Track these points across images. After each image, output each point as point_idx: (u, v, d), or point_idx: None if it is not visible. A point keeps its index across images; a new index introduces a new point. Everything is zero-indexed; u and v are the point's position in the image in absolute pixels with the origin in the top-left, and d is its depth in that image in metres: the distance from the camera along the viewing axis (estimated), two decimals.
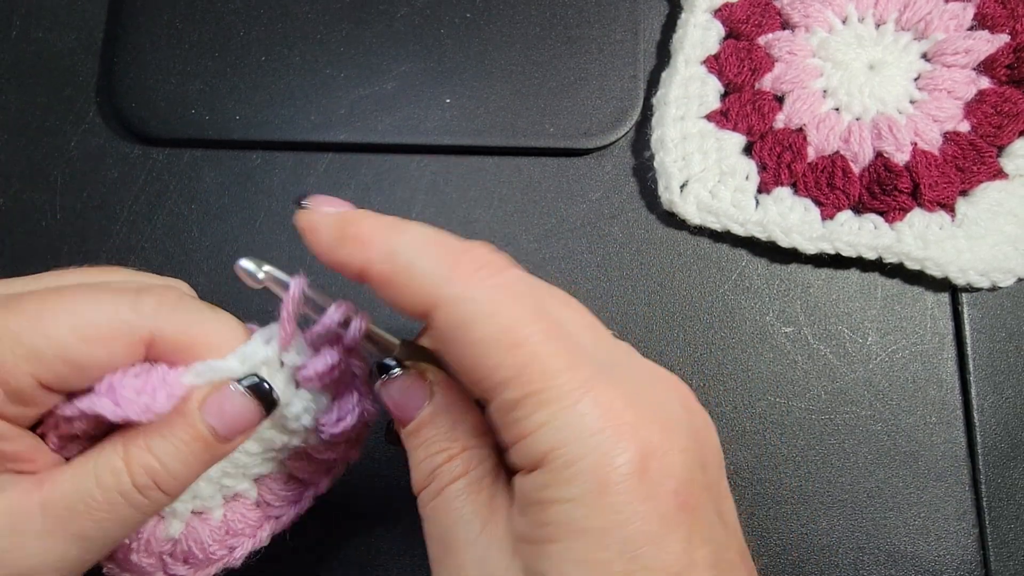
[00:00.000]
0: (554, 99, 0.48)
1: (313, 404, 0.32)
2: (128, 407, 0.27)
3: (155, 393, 0.28)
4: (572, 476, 0.25)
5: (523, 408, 0.25)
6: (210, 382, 0.29)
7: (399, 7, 0.49)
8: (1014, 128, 0.46)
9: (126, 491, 0.28)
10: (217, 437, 0.29)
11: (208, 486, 0.33)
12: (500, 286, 0.27)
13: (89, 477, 0.28)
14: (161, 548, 0.33)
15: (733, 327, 0.46)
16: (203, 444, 0.29)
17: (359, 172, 0.47)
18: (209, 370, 0.29)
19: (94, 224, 0.46)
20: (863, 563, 0.43)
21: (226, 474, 0.33)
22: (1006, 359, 0.45)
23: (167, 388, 0.28)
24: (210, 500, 0.34)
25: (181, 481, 0.29)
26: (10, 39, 0.49)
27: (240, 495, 0.34)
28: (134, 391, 0.28)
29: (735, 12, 0.49)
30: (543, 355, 0.26)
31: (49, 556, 0.27)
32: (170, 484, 0.29)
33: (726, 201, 0.46)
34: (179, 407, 0.29)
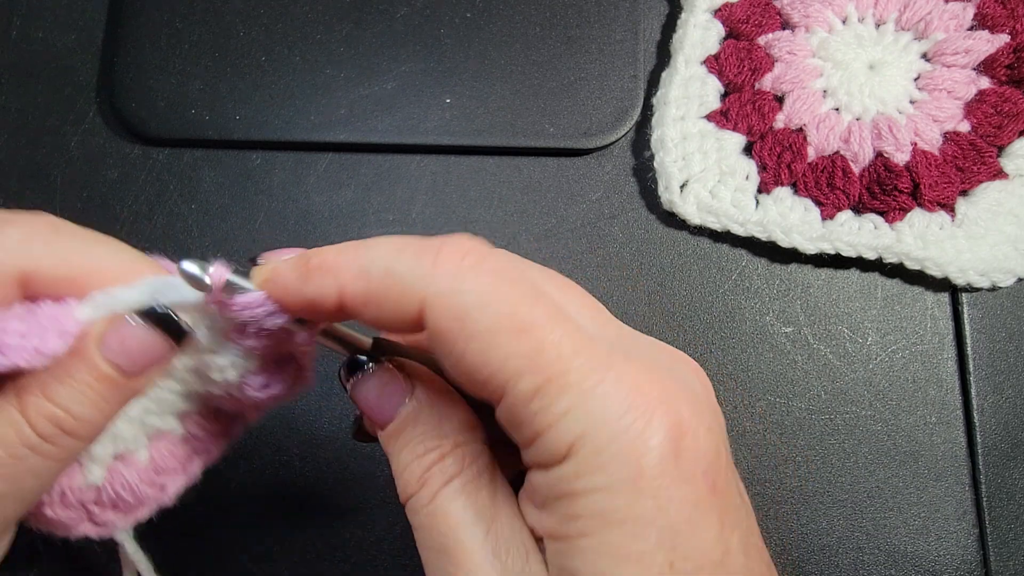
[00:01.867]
0: (554, 99, 0.48)
1: (242, 361, 0.28)
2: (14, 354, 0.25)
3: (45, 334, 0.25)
4: (604, 463, 0.23)
5: (542, 397, 0.23)
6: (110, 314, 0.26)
7: (399, 7, 0.49)
8: (1014, 128, 0.46)
9: (31, 442, 0.26)
10: (124, 374, 0.26)
11: (129, 427, 0.30)
12: (491, 271, 0.24)
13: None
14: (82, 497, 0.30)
15: (733, 327, 0.46)
16: (109, 384, 0.26)
17: (359, 172, 0.47)
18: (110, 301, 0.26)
19: (94, 224, 0.46)
20: (863, 563, 0.43)
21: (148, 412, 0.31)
22: (1006, 359, 0.45)
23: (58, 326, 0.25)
24: (133, 442, 0.31)
25: (93, 424, 0.27)
26: (10, 39, 0.49)
27: (165, 432, 0.31)
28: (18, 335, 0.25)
29: (735, 12, 0.49)
30: (554, 337, 0.23)
31: None
32: (79, 428, 0.26)
33: (726, 201, 0.46)
34: (76, 346, 0.26)
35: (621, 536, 0.22)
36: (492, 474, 0.26)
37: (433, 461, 0.26)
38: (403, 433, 0.27)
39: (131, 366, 0.26)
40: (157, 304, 0.26)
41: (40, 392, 0.26)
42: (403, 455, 0.27)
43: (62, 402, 0.26)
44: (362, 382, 0.28)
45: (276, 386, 0.29)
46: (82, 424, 0.26)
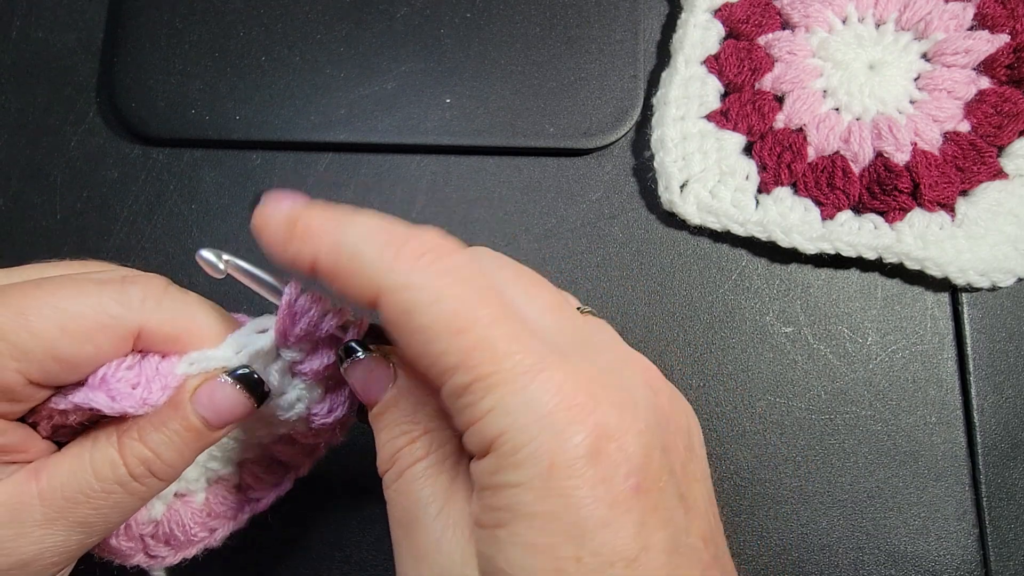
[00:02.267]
0: (554, 99, 0.48)
1: (307, 394, 0.32)
2: (124, 401, 0.28)
3: (150, 385, 0.28)
4: (520, 460, 0.24)
5: (472, 393, 0.25)
6: (203, 371, 0.29)
7: (399, 7, 0.49)
8: (1014, 128, 0.46)
9: (123, 480, 0.28)
10: (208, 426, 0.30)
11: (194, 469, 0.34)
12: (445, 270, 0.26)
13: (86, 468, 0.28)
14: (142, 531, 0.33)
15: (733, 327, 0.46)
16: (194, 433, 0.29)
17: (359, 172, 0.47)
18: (203, 359, 0.29)
19: (94, 224, 0.46)
20: (863, 563, 0.43)
21: (212, 458, 0.34)
22: (1006, 359, 0.45)
23: (161, 379, 0.29)
24: (194, 483, 0.34)
25: (175, 468, 0.29)
26: (10, 39, 0.49)
27: (223, 478, 0.35)
28: (129, 384, 0.28)
29: (735, 12, 0.49)
30: (491, 338, 0.25)
31: (51, 543, 0.28)
32: (165, 471, 0.29)
33: (726, 201, 0.46)
34: (172, 398, 0.29)
35: (530, 529, 0.24)
36: (456, 460, 0.28)
37: (404, 443, 0.28)
38: (385, 415, 0.29)
39: (216, 419, 0.30)
40: (244, 366, 0.30)
41: (137, 436, 0.29)
42: (382, 435, 0.29)
43: (154, 447, 0.29)
44: (353, 367, 0.30)
45: (339, 409, 0.32)
46: (167, 468, 0.29)
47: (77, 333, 0.27)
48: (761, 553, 0.43)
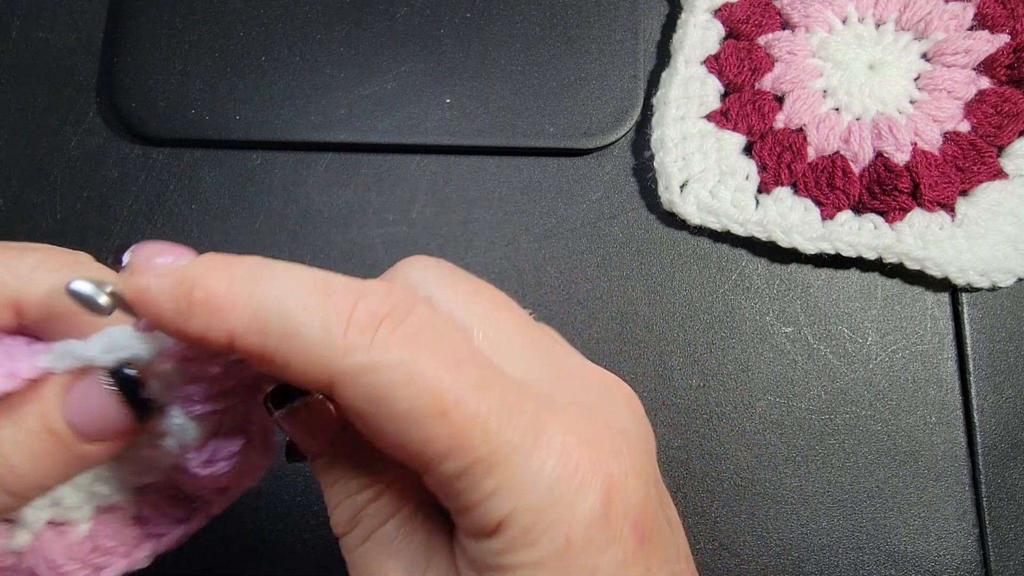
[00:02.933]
0: (554, 99, 0.48)
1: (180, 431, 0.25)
2: None
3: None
4: (533, 540, 0.22)
5: (468, 477, 0.22)
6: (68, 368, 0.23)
7: (399, 7, 0.49)
8: (1014, 128, 0.46)
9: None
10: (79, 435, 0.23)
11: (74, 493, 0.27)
12: (410, 337, 0.21)
13: None
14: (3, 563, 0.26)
15: (733, 327, 0.46)
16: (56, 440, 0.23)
17: (359, 172, 0.47)
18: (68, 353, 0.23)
19: (94, 224, 0.46)
20: (863, 563, 0.43)
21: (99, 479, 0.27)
22: (1006, 359, 0.45)
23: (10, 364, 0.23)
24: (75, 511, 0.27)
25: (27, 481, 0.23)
26: (10, 39, 0.49)
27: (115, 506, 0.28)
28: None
29: (735, 12, 0.49)
30: (481, 415, 0.21)
31: None
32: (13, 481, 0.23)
33: (726, 201, 0.46)
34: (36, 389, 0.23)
35: None
36: (428, 510, 0.25)
37: (367, 500, 0.24)
38: (334, 467, 0.25)
39: (87, 428, 0.23)
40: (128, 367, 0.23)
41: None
42: (336, 490, 0.25)
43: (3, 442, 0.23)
44: (290, 415, 0.25)
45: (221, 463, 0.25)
46: (16, 477, 0.23)
47: None
48: (761, 553, 0.43)
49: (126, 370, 0.23)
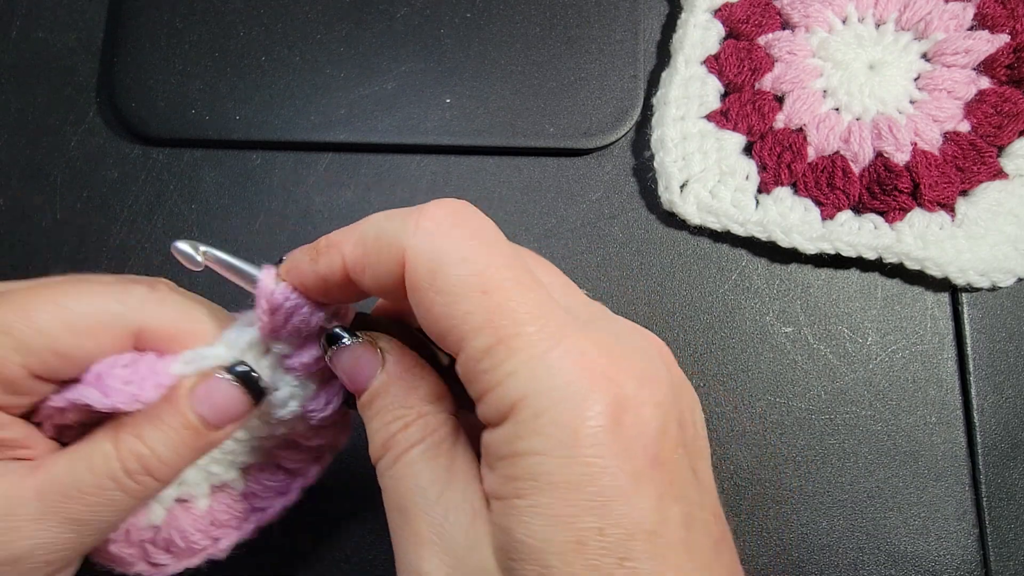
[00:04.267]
0: (554, 99, 0.48)
1: (300, 390, 0.31)
2: (116, 396, 0.28)
3: (143, 383, 0.28)
4: (541, 427, 0.24)
5: (492, 357, 0.24)
6: (199, 370, 0.29)
7: (399, 7, 0.49)
8: (1014, 128, 0.46)
9: (116, 476, 0.28)
10: (207, 425, 0.29)
11: (195, 473, 0.33)
12: (470, 232, 0.26)
13: (82, 463, 0.28)
14: (142, 536, 0.33)
15: (733, 327, 0.46)
16: (192, 432, 0.29)
17: (359, 172, 0.47)
18: (197, 358, 0.29)
19: (94, 224, 0.46)
20: (863, 563, 0.43)
21: (213, 460, 0.33)
22: (1006, 359, 0.45)
23: (155, 377, 0.29)
24: (195, 488, 0.33)
25: (172, 468, 0.29)
26: (10, 39, 0.49)
27: (227, 485, 0.34)
28: (122, 381, 0.28)
29: (735, 12, 0.49)
30: (515, 301, 0.25)
31: (42, 539, 0.28)
32: (161, 471, 0.29)
33: (726, 201, 0.46)
34: (169, 395, 0.29)
35: (552, 499, 0.23)
36: (454, 442, 0.28)
37: (398, 429, 0.28)
38: (375, 402, 0.29)
39: (214, 417, 0.29)
40: (242, 363, 0.30)
41: (133, 432, 0.28)
42: (374, 422, 0.29)
43: (150, 443, 0.28)
44: (338, 354, 0.30)
45: (336, 400, 0.32)
46: (164, 466, 0.29)
47: (79, 329, 0.27)
48: (761, 553, 0.43)
49: (239, 367, 0.30)
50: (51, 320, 0.27)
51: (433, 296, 0.25)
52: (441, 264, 0.25)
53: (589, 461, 0.23)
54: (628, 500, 0.24)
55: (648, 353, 0.27)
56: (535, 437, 0.24)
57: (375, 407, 0.29)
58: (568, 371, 0.24)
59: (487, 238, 0.26)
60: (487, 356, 0.25)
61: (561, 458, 0.24)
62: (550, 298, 0.26)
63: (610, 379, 0.24)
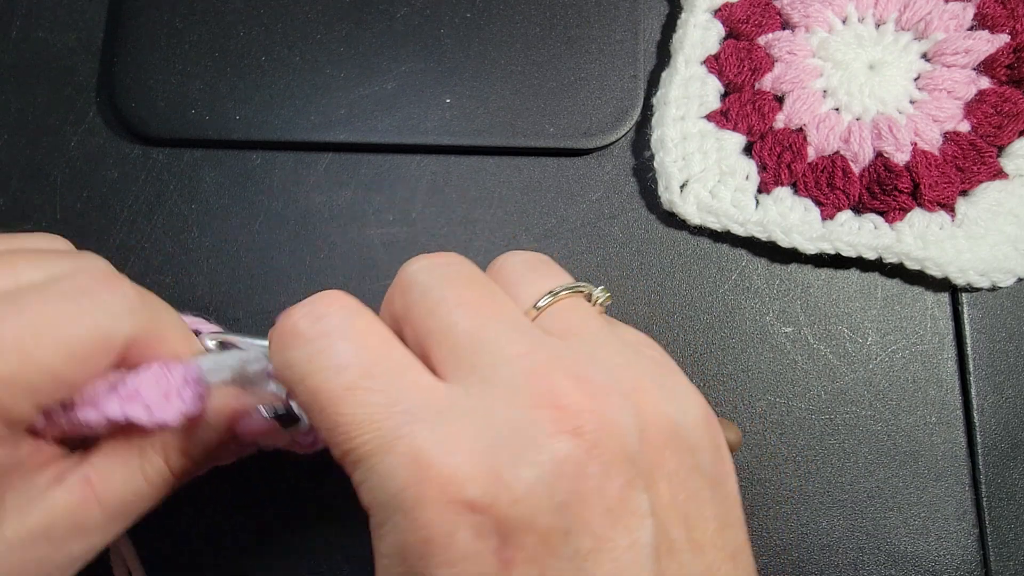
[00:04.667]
0: (554, 99, 0.48)
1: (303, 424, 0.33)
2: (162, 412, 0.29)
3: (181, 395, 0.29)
4: (383, 536, 0.24)
5: (345, 466, 0.25)
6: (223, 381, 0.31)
7: (399, 7, 0.49)
8: (1014, 128, 0.46)
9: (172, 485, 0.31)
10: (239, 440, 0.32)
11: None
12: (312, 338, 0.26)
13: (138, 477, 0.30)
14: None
15: (733, 327, 0.46)
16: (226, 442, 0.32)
17: (359, 172, 0.47)
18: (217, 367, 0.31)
19: (94, 224, 0.46)
20: (863, 563, 0.43)
21: None
22: (1006, 359, 0.45)
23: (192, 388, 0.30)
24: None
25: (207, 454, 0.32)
26: (10, 39, 0.49)
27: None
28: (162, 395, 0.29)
29: (735, 12, 0.49)
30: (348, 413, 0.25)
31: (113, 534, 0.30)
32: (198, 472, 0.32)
33: (726, 201, 0.46)
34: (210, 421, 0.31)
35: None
36: None
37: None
38: None
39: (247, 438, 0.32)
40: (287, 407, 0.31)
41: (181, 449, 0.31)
42: None
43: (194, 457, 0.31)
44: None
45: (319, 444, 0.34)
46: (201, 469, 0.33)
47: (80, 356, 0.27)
48: (761, 553, 0.43)
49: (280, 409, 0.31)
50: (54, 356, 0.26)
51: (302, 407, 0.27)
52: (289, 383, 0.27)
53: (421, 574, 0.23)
54: None
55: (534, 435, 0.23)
56: (380, 543, 0.25)
57: None
58: (400, 480, 0.23)
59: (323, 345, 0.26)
60: (343, 464, 0.25)
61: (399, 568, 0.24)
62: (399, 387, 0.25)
63: (443, 483, 0.23)
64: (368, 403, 0.25)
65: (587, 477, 0.23)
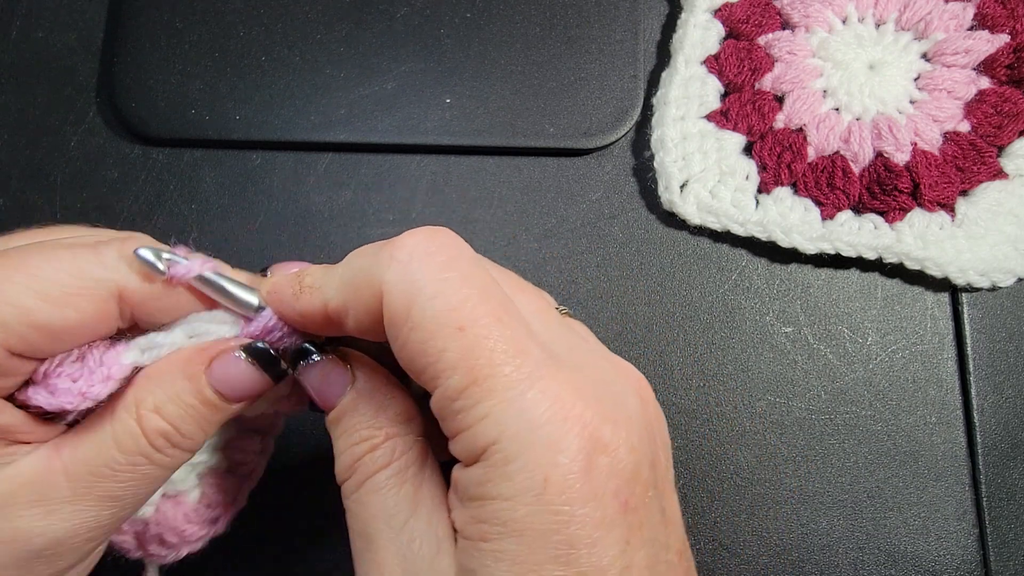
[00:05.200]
0: (554, 99, 0.48)
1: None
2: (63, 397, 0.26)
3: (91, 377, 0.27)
4: (512, 473, 0.23)
5: (466, 397, 0.24)
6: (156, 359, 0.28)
7: (399, 7, 0.49)
8: (1014, 128, 0.46)
9: (146, 452, 0.28)
10: (225, 399, 0.29)
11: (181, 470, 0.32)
12: (445, 264, 0.25)
13: (108, 442, 0.27)
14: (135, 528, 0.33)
15: (733, 327, 0.46)
16: (212, 407, 0.29)
17: (359, 172, 0.47)
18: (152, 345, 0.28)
19: (94, 224, 0.46)
20: (863, 563, 0.43)
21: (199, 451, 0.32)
22: (1006, 359, 0.45)
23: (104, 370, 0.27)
24: (183, 483, 0.33)
25: (194, 440, 0.29)
26: (10, 39, 0.49)
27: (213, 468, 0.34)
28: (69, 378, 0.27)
29: (735, 12, 0.49)
30: (490, 339, 0.24)
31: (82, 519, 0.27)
32: (186, 443, 0.29)
33: (726, 201, 0.46)
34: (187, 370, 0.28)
35: (518, 545, 0.23)
36: (421, 467, 0.27)
37: (364, 451, 0.28)
38: (342, 420, 0.28)
39: (232, 394, 0.29)
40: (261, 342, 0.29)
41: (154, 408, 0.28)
42: (341, 441, 0.28)
43: (173, 420, 0.28)
44: (307, 370, 0.29)
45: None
46: (186, 439, 0.28)
47: (56, 299, 0.26)
48: (761, 553, 0.43)
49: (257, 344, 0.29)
50: (24, 292, 0.25)
51: (408, 332, 0.25)
52: (415, 299, 0.25)
53: (558, 509, 0.23)
54: (594, 548, 0.23)
55: (624, 393, 0.26)
56: (505, 482, 0.24)
57: (342, 425, 0.28)
58: (541, 415, 0.24)
59: (463, 269, 0.25)
60: (461, 396, 0.24)
61: (529, 506, 0.23)
62: (528, 334, 0.25)
63: (584, 423, 0.24)
64: (509, 338, 0.24)
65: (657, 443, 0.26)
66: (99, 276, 0.27)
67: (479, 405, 0.24)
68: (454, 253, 0.26)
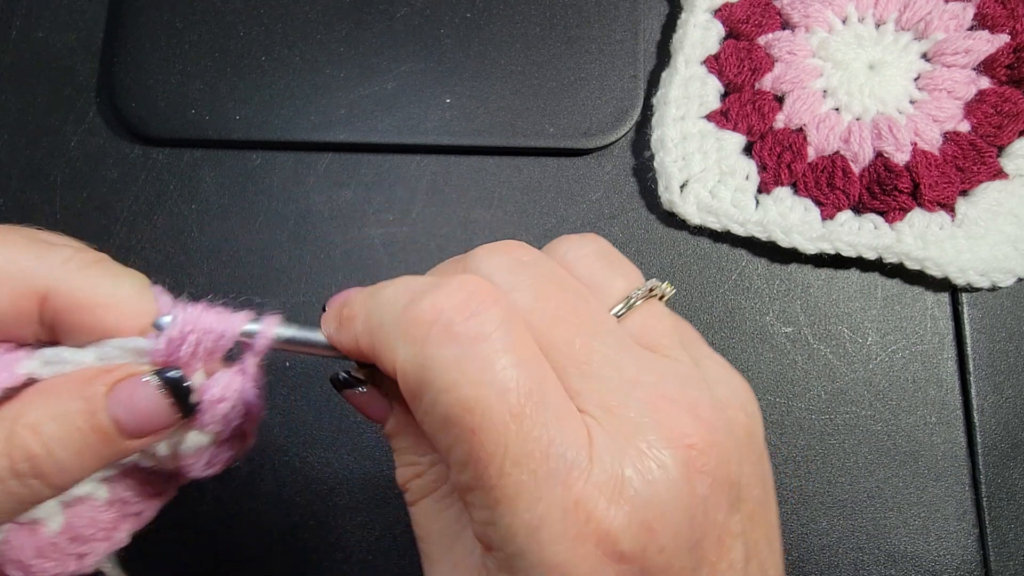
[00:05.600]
0: (554, 99, 0.48)
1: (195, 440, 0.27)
2: None
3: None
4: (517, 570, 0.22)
5: (475, 497, 0.23)
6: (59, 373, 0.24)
7: (399, 7, 0.49)
8: (1014, 128, 0.46)
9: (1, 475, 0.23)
10: (121, 431, 0.24)
11: None
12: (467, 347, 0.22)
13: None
14: None
15: (733, 327, 0.46)
16: (101, 437, 0.24)
17: (359, 172, 0.47)
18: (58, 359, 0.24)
19: (94, 224, 0.46)
20: (863, 563, 0.43)
21: None
22: (1006, 359, 0.45)
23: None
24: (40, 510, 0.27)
25: (69, 475, 0.24)
26: (10, 39, 0.49)
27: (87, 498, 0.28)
28: None
29: (735, 12, 0.49)
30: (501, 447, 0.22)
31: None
32: (55, 476, 0.24)
33: (726, 201, 0.46)
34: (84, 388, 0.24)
35: None
36: None
37: (411, 476, 0.27)
38: (392, 441, 0.28)
39: (132, 425, 0.25)
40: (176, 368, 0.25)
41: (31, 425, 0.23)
42: (395, 457, 0.28)
43: (48, 442, 0.23)
44: (351, 396, 0.28)
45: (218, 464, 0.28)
46: (60, 472, 0.24)
47: None
48: None
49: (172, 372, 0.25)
50: None
51: (421, 415, 0.23)
52: (425, 390, 0.22)
53: None
54: None
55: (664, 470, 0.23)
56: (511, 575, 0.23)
57: (394, 443, 0.28)
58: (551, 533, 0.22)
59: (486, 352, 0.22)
60: (470, 494, 0.23)
61: None
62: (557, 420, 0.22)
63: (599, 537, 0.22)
64: (529, 438, 0.22)
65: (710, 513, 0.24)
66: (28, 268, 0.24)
67: (486, 511, 0.22)
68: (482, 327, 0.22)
